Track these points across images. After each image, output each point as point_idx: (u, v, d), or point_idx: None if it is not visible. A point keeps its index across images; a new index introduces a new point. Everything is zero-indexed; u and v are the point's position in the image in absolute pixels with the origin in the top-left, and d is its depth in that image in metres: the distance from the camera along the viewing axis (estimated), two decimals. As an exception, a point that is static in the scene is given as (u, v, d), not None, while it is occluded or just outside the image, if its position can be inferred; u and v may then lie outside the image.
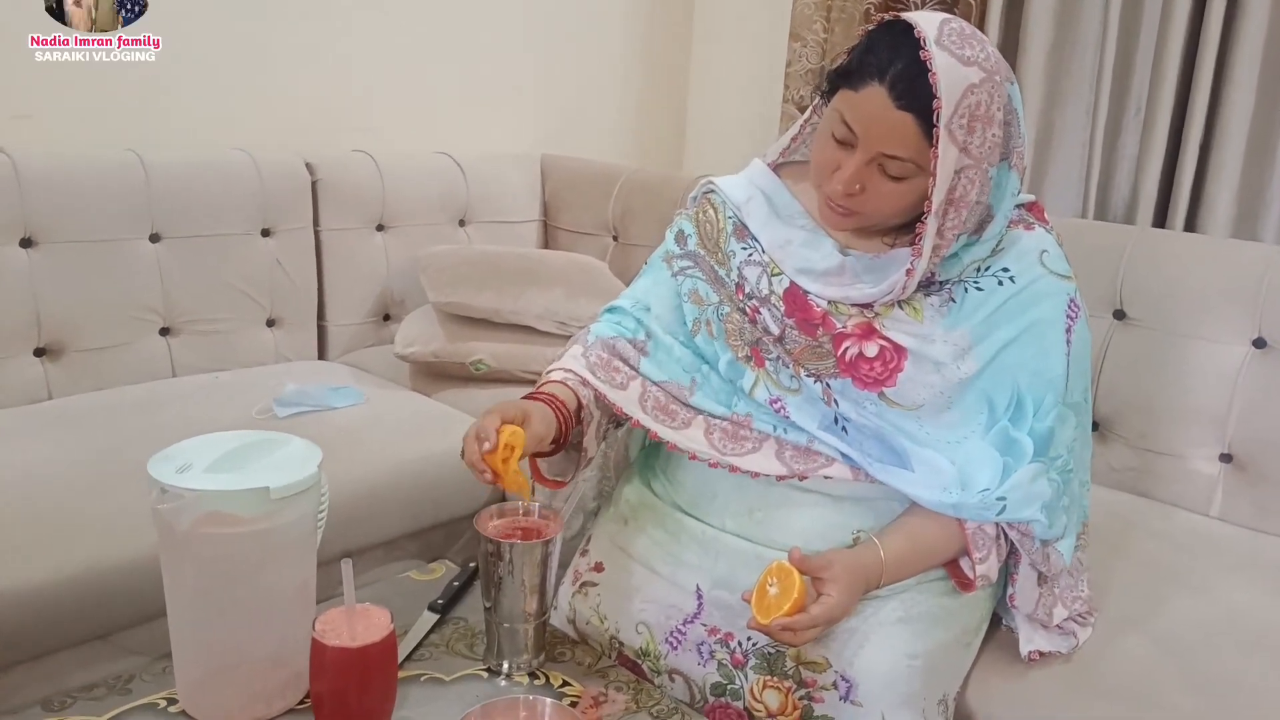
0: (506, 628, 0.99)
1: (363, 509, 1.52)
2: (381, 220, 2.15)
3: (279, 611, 0.89)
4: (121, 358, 1.79)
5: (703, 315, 1.16)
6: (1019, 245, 1.07)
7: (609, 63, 2.73)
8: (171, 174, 1.83)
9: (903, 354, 1.05)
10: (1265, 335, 1.49)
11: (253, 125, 2.01)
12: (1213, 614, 1.23)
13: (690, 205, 1.22)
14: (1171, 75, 1.90)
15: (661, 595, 1.11)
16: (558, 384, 1.13)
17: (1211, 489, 1.53)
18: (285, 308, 2.01)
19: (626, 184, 2.34)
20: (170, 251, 1.84)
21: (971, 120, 0.94)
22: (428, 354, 1.90)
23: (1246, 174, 1.89)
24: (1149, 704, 1.07)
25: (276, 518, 0.85)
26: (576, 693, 0.98)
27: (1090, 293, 1.57)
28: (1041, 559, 1.07)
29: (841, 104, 1.00)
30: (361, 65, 2.21)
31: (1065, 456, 1.07)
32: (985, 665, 1.12)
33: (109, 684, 0.93)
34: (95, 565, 1.23)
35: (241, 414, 1.64)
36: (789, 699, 1.02)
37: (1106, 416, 1.63)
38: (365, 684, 0.83)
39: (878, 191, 1.01)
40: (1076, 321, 1.08)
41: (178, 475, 0.83)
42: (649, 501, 1.19)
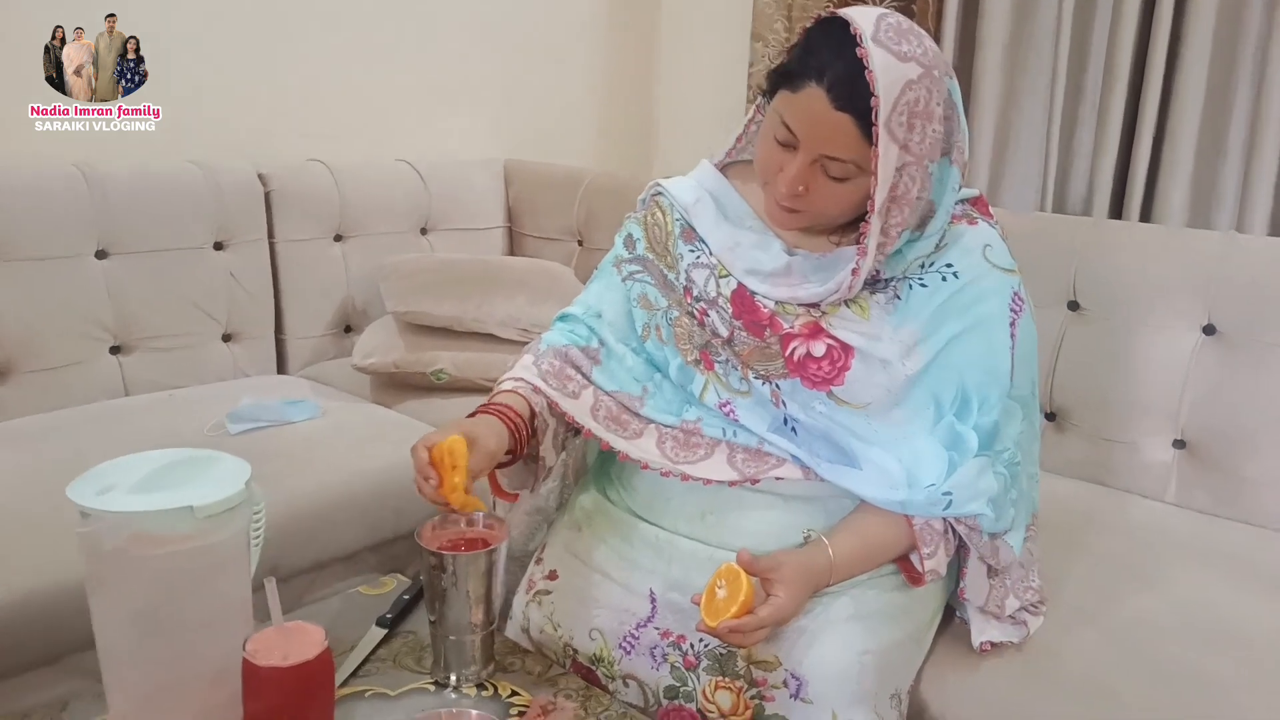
0: (453, 640, 0.98)
1: (321, 522, 1.50)
2: (340, 230, 2.13)
3: (213, 631, 0.87)
4: (73, 377, 1.77)
5: (652, 320, 1.16)
6: (962, 241, 1.07)
7: (574, 66, 2.72)
8: (119, 188, 1.81)
9: (850, 353, 1.04)
10: (1215, 322, 1.50)
11: (203, 136, 1.98)
12: (1165, 604, 1.23)
13: (639, 208, 1.22)
14: (1124, 69, 1.92)
15: (615, 600, 1.10)
16: (509, 393, 1.12)
17: (1166, 476, 1.54)
18: (242, 322, 1.99)
19: (590, 187, 2.33)
20: (119, 267, 1.82)
21: (911, 117, 0.94)
22: (388, 365, 1.88)
23: (1199, 165, 1.91)
24: (1102, 693, 1.07)
25: (206, 537, 0.83)
26: (525, 702, 0.97)
27: (1044, 285, 1.58)
28: (990, 552, 1.07)
29: (781, 105, 0.99)
30: (317, 72, 2.18)
31: (1012, 450, 1.07)
32: (938, 658, 1.12)
33: (44, 710, 0.91)
34: (39, 588, 1.21)
35: (194, 432, 1.61)
36: (740, 699, 1.02)
37: (1062, 407, 1.63)
38: (301, 703, 0.81)
39: (821, 192, 1.01)
40: (1021, 315, 1.08)
41: (99, 497, 0.81)
42: (603, 508, 1.19)
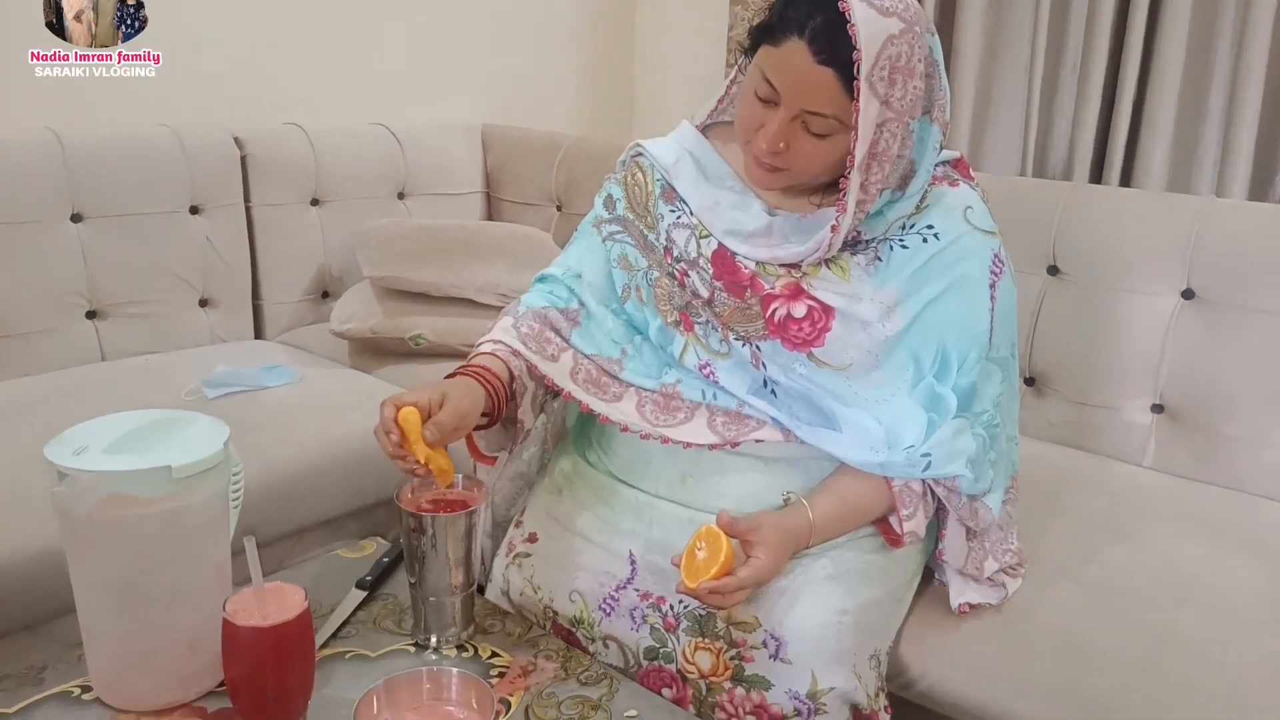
0: (433, 601, 0.98)
1: (300, 487, 1.50)
2: (316, 195, 2.11)
3: (193, 594, 0.86)
4: (48, 343, 1.75)
5: (632, 281, 1.15)
6: (943, 202, 1.07)
7: (552, 30, 2.69)
8: (91, 152, 1.78)
9: (831, 314, 1.04)
10: (1194, 286, 1.51)
11: (177, 99, 1.94)
12: (1143, 562, 1.25)
13: (619, 169, 1.21)
14: (1105, 32, 1.92)
15: (595, 563, 1.10)
16: (488, 355, 1.11)
17: (1145, 440, 1.55)
18: (218, 287, 1.97)
19: (569, 153, 2.31)
20: (94, 232, 1.79)
21: (893, 72, 0.93)
22: (365, 330, 1.87)
23: (1179, 128, 1.91)
24: (1080, 651, 1.08)
25: (182, 498, 0.82)
26: (505, 663, 0.97)
27: (1024, 250, 1.59)
28: (969, 514, 1.08)
29: (763, 60, 0.98)
30: (293, 36, 2.14)
31: (991, 411, 1.07)
32: (918, 619, 1.13)
33: (20, 675, 0.91)
34: (16, 554, 1.20)
35: (171, 397, 1.60)
36: (720, 660, 1.03)
37: (1042, 372, 1.64)
38: (280, 663, 0.81)
39: (802, 149, 1.00)
40: (1001, 277, 1.08)
41: (74, 457, 0.80)
42: (583, 471, 1.18)
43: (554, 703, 0.92)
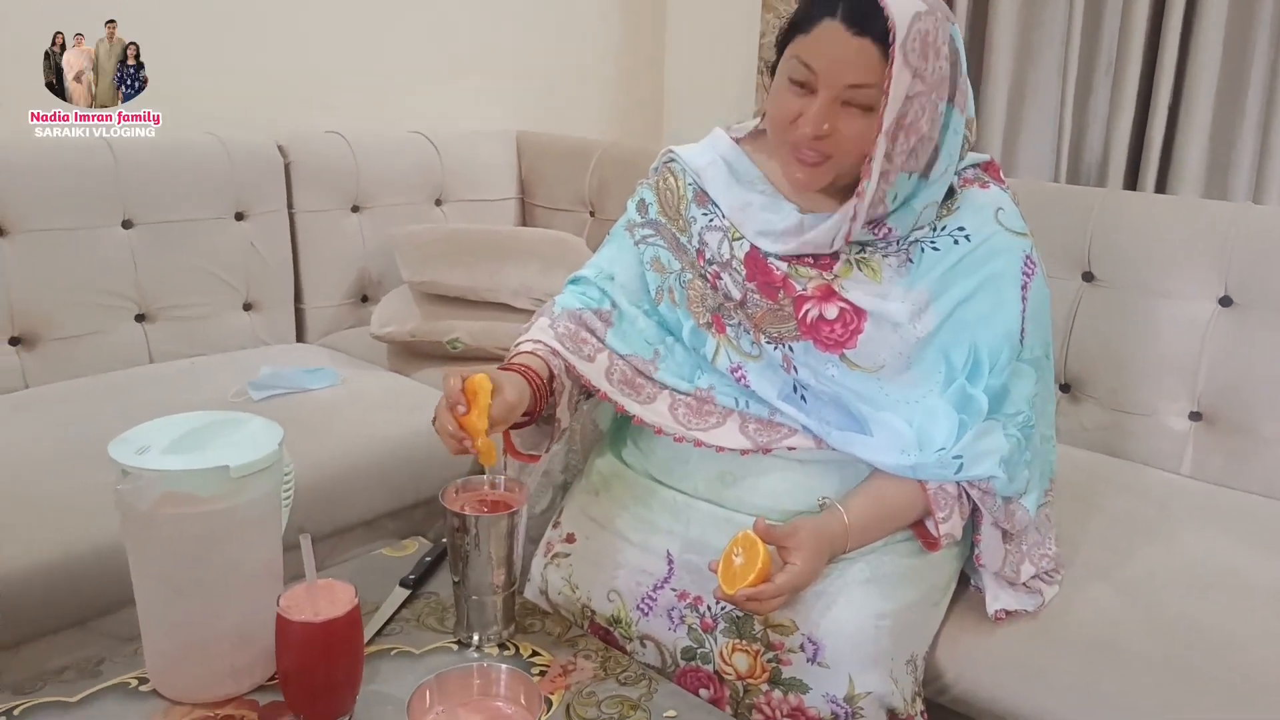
0: (475, 600, 1.00)
1: (341, 488, 1.53)
2: (356, 201, 2.15)
3: (246, 589, 0.89)
4: (97, 345, 1.79)
5: (665, 283, 1.17)
6: (974, 203, 1.08)
7: (585, 38, 2.72)
8: (141, 159, 1.82)
9: (862, 315, 1.05)
10: (1231, 293, 1.50)
11: (223, 108, 1.99)
12: (1177, 563, 1.25)
13: (651, 175, 1.23)
14: (1140, 31, 1.91)
15: (633, 562, 1.12)
16: (528, 354, 1.13)
17: (1182, 446, 1.54)
18: (261, 291, 2.01)
19: (602, 158, 2.33)
20: (142, 237, 1.84)
21: (924, 46, 0.95)
22: (404, 334, 1.90)
23: (1215, 132, 1.90)
24: (1115, 654, 1.08)
25: (237, 496, 0.85)
26: (546, 662, 0.99)
27: (1059, 256, 1.59)
28: (1005, 516, 1.09)
29: (797, 49, 1.00)
30: (332, 44, 2.19)
31: (1027, 412, 1.08)
32: (954, 624, 1.14)
33: (79, 667, 0.94)
34: (69, 551, 1.24)
35: (217, 398, 1.64)
36: (757, 662, 1.04)
37: (1077, 377, 1.64)
38: (330, 658, 0.84)
39: (846, 130, 1.00)
40: (1033, 278, 1.08)
41: (137, 456, 0.83)
42: (620, 472, 1.20)
43: (594, 702, 0.94)
